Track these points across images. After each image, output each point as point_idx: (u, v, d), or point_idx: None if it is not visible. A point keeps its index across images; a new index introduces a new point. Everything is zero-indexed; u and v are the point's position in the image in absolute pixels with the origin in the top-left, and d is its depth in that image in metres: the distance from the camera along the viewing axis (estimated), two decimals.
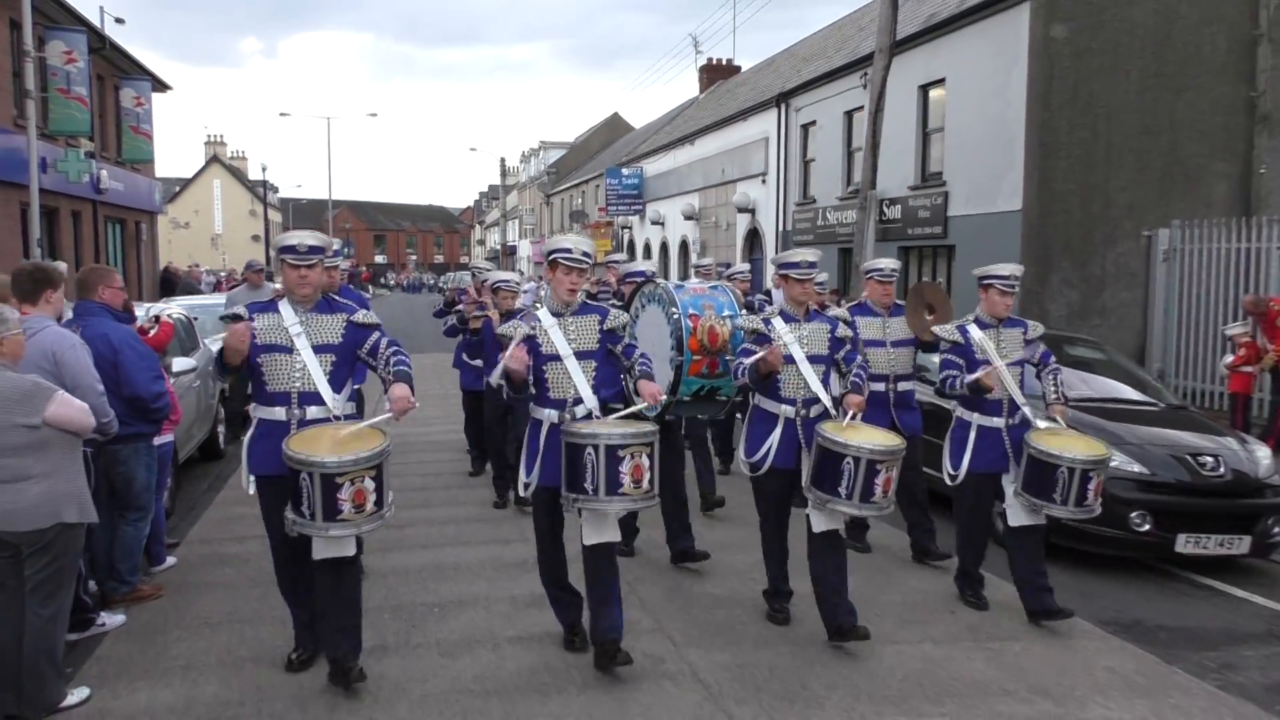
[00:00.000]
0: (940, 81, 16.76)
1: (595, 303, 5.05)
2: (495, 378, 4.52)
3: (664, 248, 32.82)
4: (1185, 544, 6.46)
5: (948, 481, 5.71)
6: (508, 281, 7.84)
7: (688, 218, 29.77)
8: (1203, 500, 6.59)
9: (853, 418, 4.97)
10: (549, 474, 4.60)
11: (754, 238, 25.39)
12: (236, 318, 4.44)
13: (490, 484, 8.26)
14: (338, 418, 4.41)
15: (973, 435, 5.55)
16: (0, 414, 3.92)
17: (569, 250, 4.65)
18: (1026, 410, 5.48)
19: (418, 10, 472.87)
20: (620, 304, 7.20)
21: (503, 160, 65.47)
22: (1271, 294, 12.40)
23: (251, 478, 4.48)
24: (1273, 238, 13.01)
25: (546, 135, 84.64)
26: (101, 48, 21.56)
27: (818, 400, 5.13)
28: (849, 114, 19.92)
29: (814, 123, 21.53)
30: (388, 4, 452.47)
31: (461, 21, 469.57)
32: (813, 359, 5.14)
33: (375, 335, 4.55)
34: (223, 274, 32.47)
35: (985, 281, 5.64)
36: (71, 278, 6.17)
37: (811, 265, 5.20)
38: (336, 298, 4.80)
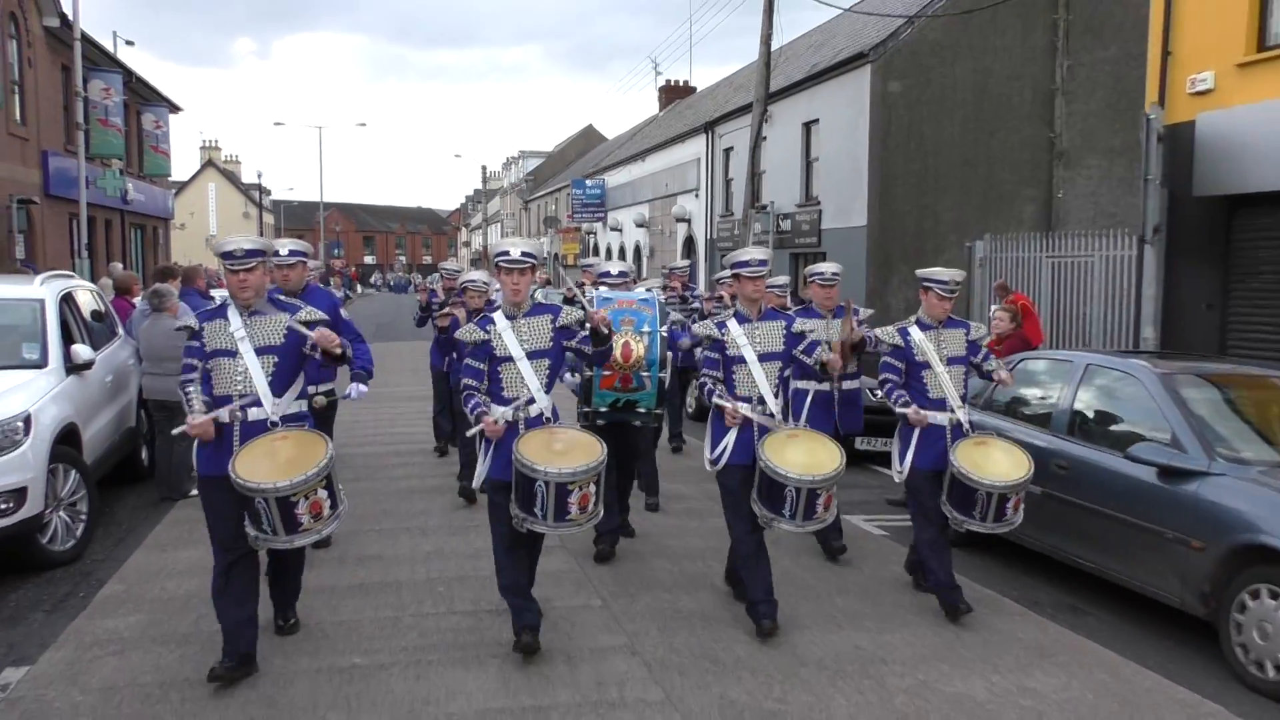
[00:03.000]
0: (817, 121, 20.76)
1: (546, 303, 5.15)
2: (472, 432, 4.75)
3: (621, 252, 36.75)
4: (860, 443, 10.31)
5: (896, 480, 5.79)
6: (474, 281, 8.03)
7: (639, 225, 33.78)
8: (872, 416, 10.47)
9: (806, 413, 5.74)
10: (499, 468, 4.72)
11: (690, 244, 29.38)
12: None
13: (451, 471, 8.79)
14: (274, 423, 4.51)
15: (916, 433, 5.55)
16: (173, 340, 7.85)
17: (507, 253, 4.78)
18: (961, 414, 5.55)
19: (412, 11, 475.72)
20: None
21: (484, 168, 69.53)
22: (1031, 289, 16.43)
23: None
24: (1043, 249, 17.04)
25: (527, 144, 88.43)
26: (130, 80, 25.39)
27: (775, 397, 5.20)
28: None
29: (732, 148, 25.49)
30: (382, 5, 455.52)
31: (456, 23, 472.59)
32: (766, 357, 5.18)
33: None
34: None
35: (925, 284, 5.64)
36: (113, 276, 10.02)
37: (762, 263, 5.23)
38: (283, 299, 4.86)
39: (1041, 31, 18.86)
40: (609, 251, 38.37)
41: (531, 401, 4.75)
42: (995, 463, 5.35)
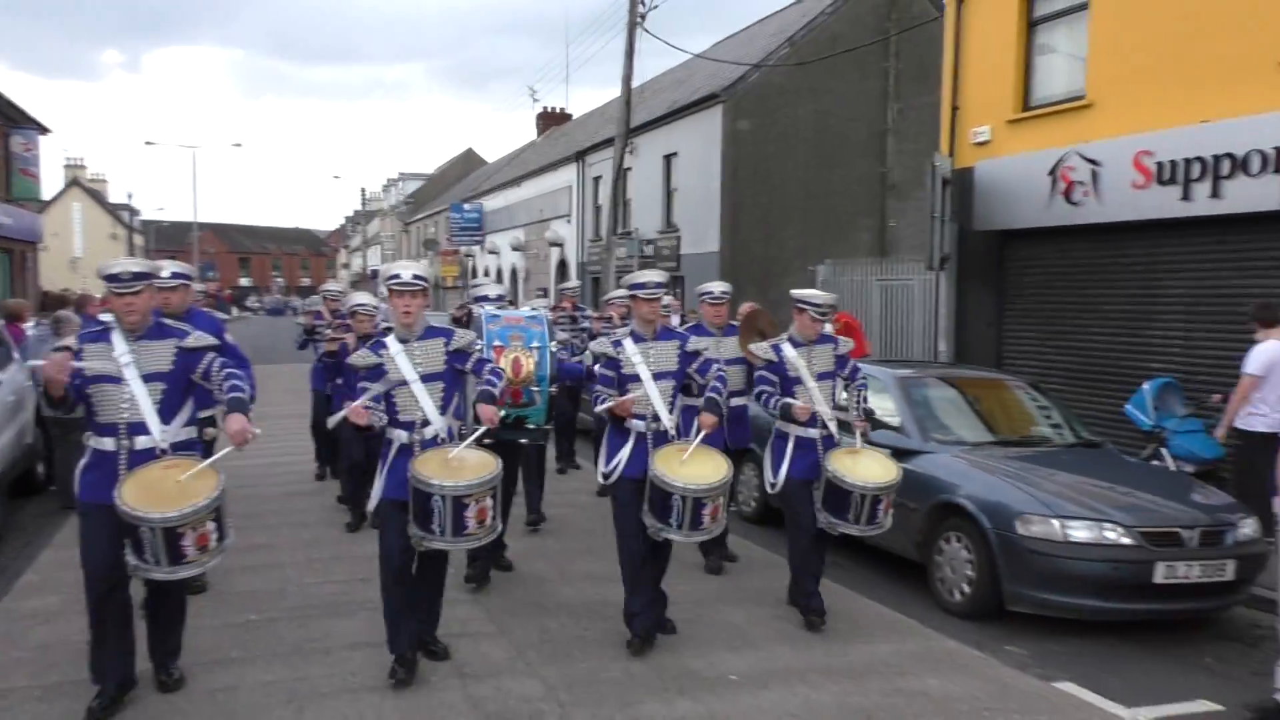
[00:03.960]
0: (676, 153, 22.48)
1: (440, 326, 5.15)
2: (333, 422, 4.85)
3: (499, 274, 37.85)
4: None
5: (769, 491, 6.17)
6: (365, 305, 7.99)
7: (515, 249, 35.01)
8: None
9: (702, 437, 5.33)
10: (392, 488, 4.81)
11: (562, 267, 30.77)
12: (65, 348, 4.39)
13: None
14: (164, 450, 4.41)
15: (790, 445, 5.93)
16: None
17: (399, 275, 4.83)
18: (833, 426, 5.94)
19: (292, 27, 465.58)
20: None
21: (363, 190, 69.60)
22: (865, 309, 18.34)
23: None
24: (874, 273, 19.04)
25: (407, 165, 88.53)
26: None
27: (670, 414, 5.42)
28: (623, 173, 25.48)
29: (600, 176, 27.02)
30: (261, 19, 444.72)
31: (336, 39, 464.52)
32: (660, 375, 5.42)
33: (208, 358, 4.54)
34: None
35: (800, 305, 5.99)
36: None
37: (659, 285, 5.47)
38: (168, 322, 4.74)
39: (874, 78, 21.02)
40: (486, 273, 39.40)
41: (427, 423, 4.84)
42: (866, 468, 5.73)
